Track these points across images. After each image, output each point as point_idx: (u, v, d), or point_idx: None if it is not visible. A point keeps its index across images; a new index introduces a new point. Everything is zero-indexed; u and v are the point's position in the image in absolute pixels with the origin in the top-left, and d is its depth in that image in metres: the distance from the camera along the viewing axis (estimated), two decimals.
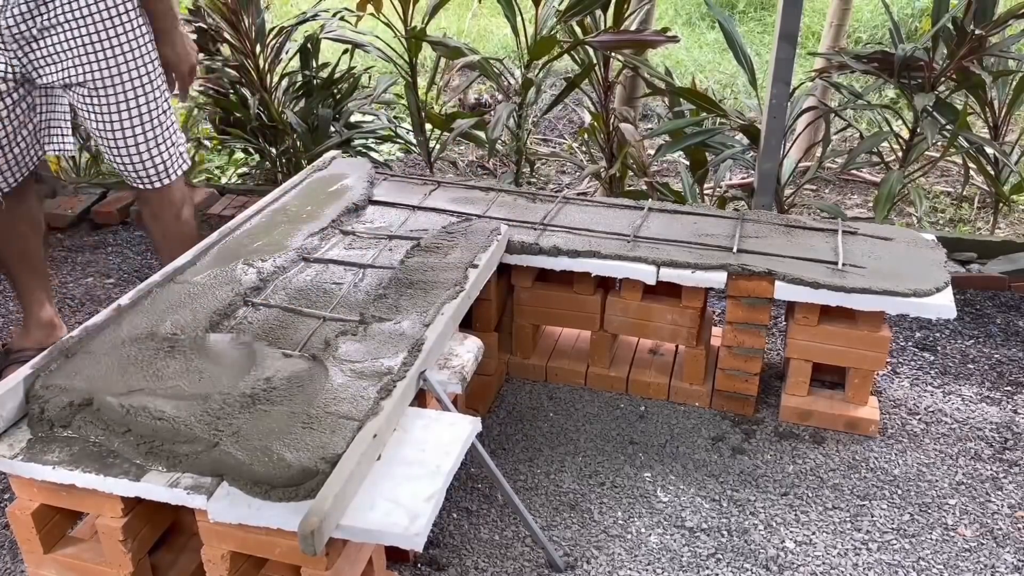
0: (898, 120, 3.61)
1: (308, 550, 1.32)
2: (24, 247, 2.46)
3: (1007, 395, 2.49)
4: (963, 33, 2.85)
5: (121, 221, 3.60)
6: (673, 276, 2.22)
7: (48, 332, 2.53)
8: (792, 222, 2.45)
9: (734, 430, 2.34)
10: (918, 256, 2.28)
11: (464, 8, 6.38)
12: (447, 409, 1.72)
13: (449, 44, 3.29)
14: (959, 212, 3.73)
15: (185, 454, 1.48)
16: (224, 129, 3.76)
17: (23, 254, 2.47)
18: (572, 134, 4.63)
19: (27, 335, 2.53)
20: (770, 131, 2.76)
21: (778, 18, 2.63)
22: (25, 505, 1.61)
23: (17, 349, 2.50)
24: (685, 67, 5.49)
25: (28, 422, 1.59)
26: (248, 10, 3.48)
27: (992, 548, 1.96)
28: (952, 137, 3.01)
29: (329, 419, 1.54)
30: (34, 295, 2.51)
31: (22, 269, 2.48)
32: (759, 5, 6.71)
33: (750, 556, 1.93)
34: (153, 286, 1.95)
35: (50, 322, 2.55)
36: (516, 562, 1.92)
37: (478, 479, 2.15)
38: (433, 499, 1.45)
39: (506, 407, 2.44)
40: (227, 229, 2.25)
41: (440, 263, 2.07)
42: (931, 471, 2.19)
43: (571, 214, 2.46)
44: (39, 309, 2.53)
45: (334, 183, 2.56)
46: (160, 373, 1.65)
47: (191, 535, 1.74)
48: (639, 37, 3.12)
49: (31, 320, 2.53)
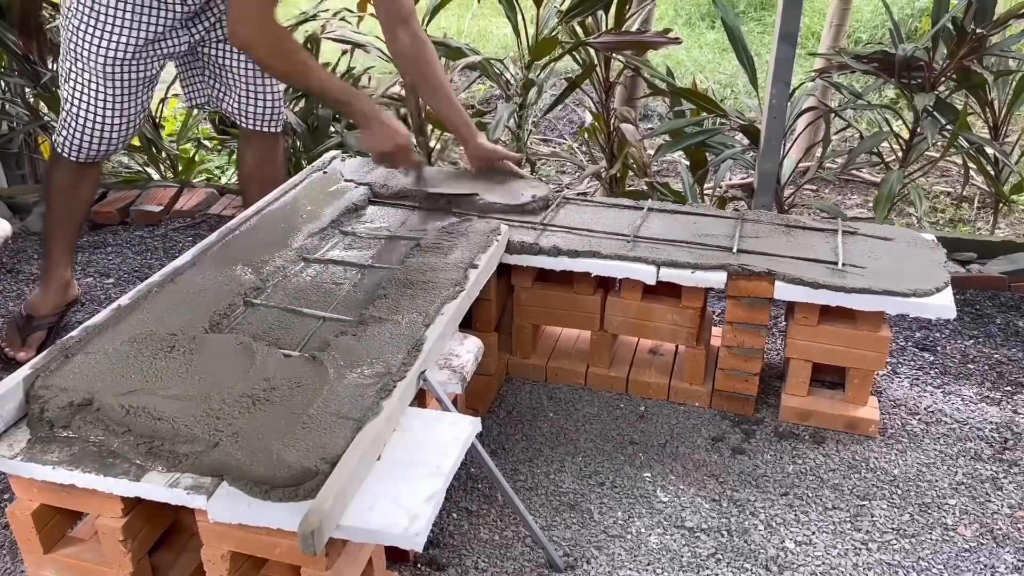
0: (898, 120, 3.62)
1: (308, 550, 1.32)
2: (78, 209, 2.61)
3: (1007, 395, 2.49)
4: (963, 33, 2.85)
5: (121, 221, 3.60)
6: (673, 276, 2.22)
7: (65, 293, 2.69)
8: (792, 222, 2.45)
9: (734, 430, 2.34)
10: (918, 256, 2.28)
11: (464, 8, 6.38)
12: (447, 409, 1.72)
13: (450, 44, 3.30)
14: (959, 212, 3.73)
15: (185, 454, 1.48)
16: (224, 129, 3.77)
17: (73, 216, 2.61)
18: (572, 134, 4.63)
19: (45, 298, 2.66)
20: (770, 131, 2.76)
21: (778, 18, 2.63)
22: (25, 505, 1.61)
23: (39, 315, 2.65)
24: (685, 67, 5.50)
25: (28, 422, 1.59)
26: None
27: (992, 548, 1.96)
28: (952, 137, 3.02)
29: (329, 419, 1.54)
30: (65, 256, 2.66)
31: (66, 229, 2.62)
32: (759, 5, 6.72)
33: (750, 556, 1.93)
34: (153, 286, 1.95)
35: (67, 283, 2.70)
36: (516, 562, 1.92)
37: (478, 479, 2.15)
38: (433, 499, 1.45)
39: (506, 407, 2.44)
40: (227, 229, 2.25)
41: (440, 263, 2.07)
42: (931, 471, 2.19)
43: (571, 214, 2.46)
44: (61, 271, 2.66)
45: (334, 183, 2.56)
46: (160, 373, 1.65)
47: (191, 535, 1.74)
48: (641, 38, 3.12)
49: (52, 280, 2.65)
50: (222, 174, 4.16)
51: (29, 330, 2.62)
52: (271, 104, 2.59)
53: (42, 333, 2.62)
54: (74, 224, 2.63)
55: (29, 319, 2.63)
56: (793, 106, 3.06)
